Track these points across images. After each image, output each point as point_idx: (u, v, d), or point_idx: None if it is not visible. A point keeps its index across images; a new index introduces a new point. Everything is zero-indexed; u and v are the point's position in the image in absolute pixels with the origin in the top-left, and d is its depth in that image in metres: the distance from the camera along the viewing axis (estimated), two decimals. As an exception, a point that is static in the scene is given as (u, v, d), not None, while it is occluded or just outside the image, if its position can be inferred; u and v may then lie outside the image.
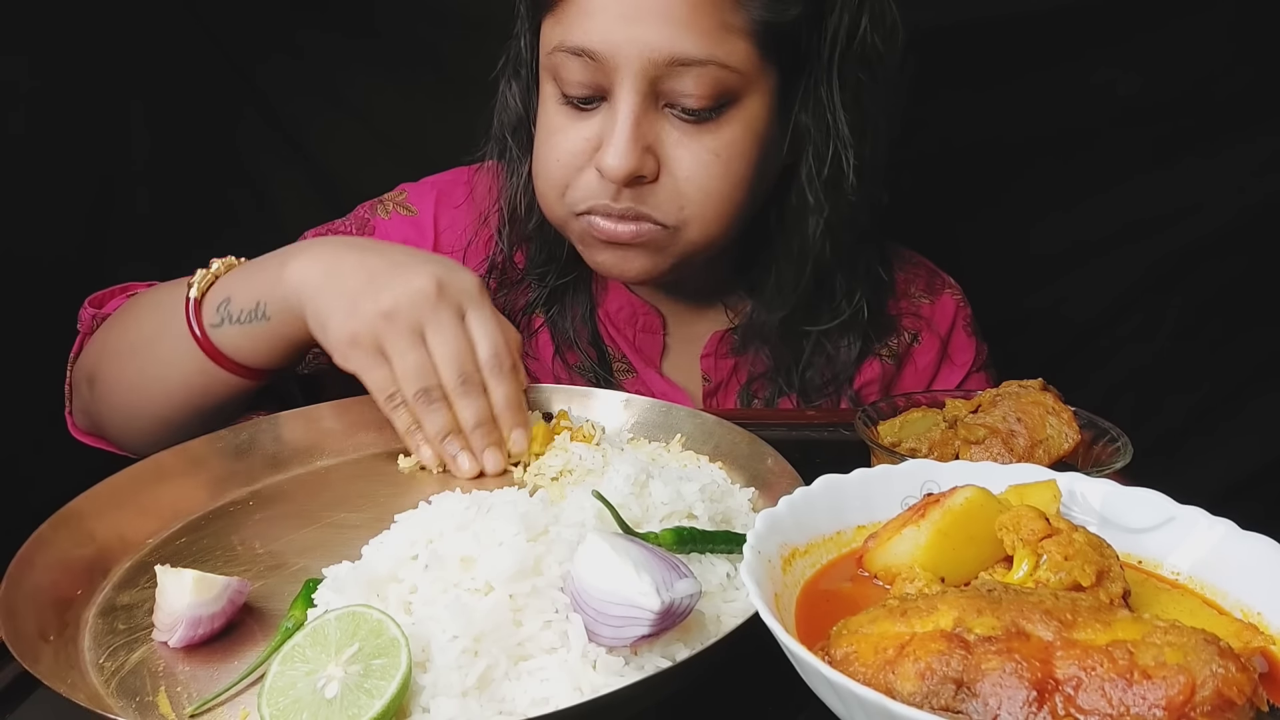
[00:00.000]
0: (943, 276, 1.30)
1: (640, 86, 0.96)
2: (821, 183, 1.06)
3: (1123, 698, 0.45)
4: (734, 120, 1.00)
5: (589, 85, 0.99)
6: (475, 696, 0.57)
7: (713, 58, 0.95)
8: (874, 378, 1.22)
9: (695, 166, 1.00)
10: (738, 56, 0.96)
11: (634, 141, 0.97)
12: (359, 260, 0.90)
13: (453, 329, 0.87)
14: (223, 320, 0.95)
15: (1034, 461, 0.79)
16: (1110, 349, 1.67)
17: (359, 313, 0.87)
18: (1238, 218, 1.59)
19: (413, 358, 0.86)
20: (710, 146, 0.99)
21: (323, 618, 0.59)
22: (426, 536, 0.66)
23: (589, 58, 0.97)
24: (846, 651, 0.51)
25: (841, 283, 1.14)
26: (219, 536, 0.80)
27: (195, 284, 0.96)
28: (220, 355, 0.95)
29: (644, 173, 0.99)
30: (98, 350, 1.06)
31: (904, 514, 0.63)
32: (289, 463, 0.91)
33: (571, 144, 1.02)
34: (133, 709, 0.60)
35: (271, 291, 0.92)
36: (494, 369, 0.89)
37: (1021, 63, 1.49)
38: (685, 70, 0.95)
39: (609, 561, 0.59)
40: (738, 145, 1.01)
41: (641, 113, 0.97)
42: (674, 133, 0.99)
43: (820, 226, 1.08)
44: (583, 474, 0.84)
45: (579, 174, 1.02)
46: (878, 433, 0.88)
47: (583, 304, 1.19)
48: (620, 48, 0.95)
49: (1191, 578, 0.62)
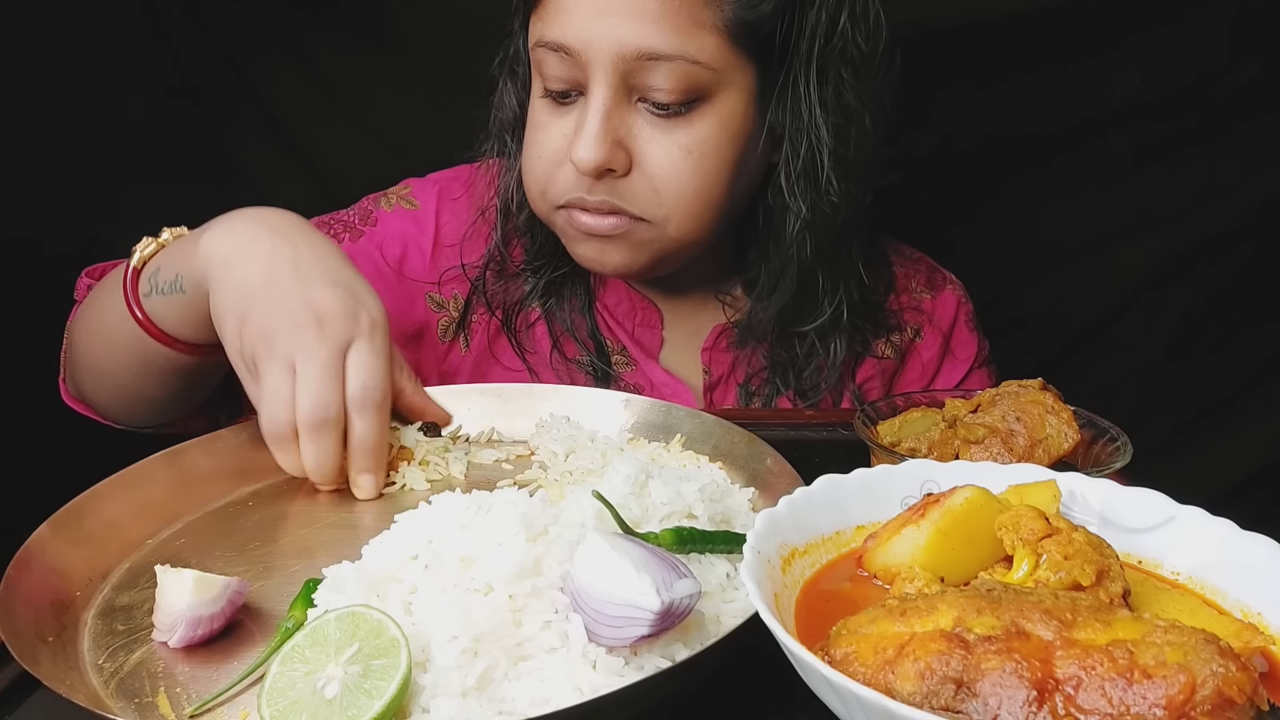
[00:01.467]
0: (943, 272, 1.30)
1: (611, 80, 0.98)
2: (797, 181, 1.06)
3: (1123, 697, 0.45)
4: (707, 116, 1.00)
5: (566, 80, 1.01)
6: (475, 697, 0.57)
7: (682, 53, 0.96)
8: (875, 373, 1.22)
9: (665, 162, 1.00)
10: (709, 52, 0.97)
11: (603, 134, 0.98)
12: (269, 251, 0.86)
13: (323, 363, 0.82)
14: (151, 290, 0.94)
15: (1034, 461, 0.79)
16: (1110, 348, 1.67)
17: (244, 329, 0.84)
18: (1238, 217, 1.59)
19: (272, 386, 0.82)
20: (681, 142, 1.00)
21: (323, 618, 0.59)
22: (426, 536, 0.66)
23: (565, 53, 0.98)
24: (846, 651, 0.51)
25: (824, 284, 1.14)
26: (219, 536, 0.80)
27: (138, 251, 0.96)
28: (151, 326, 0.94)
29: (614, 166, 1.00)
30: (76, 320, 1.10)
31: (904, 514, 0.63)
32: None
33: (551, 140, 1.04)
34: (132, 710, 0.60)
35: (188, 264, 0.90)
36: (358, 404, 0.83)
37: (1020, 62, 1.49)
38: (655, 65, 0.96)
39: (609, 561, 0.59)
40: (711, 141, 1.01)
41: (613, 106, 0.99)
42: (645, 127, 1.00)
43: (798, 226, 1.08)
44: (582, 474, 0.84)
45: (558, 169, 1.04)
46: (877, 433, 0.88)
47: (580, 296, 1.20)
48: (592, 43, 0.97)
49: (1191, 578, 0.62)
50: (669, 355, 1.22)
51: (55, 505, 0.75)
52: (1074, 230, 1.60)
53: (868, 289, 1.20)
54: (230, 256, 0.87)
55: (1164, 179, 1.56)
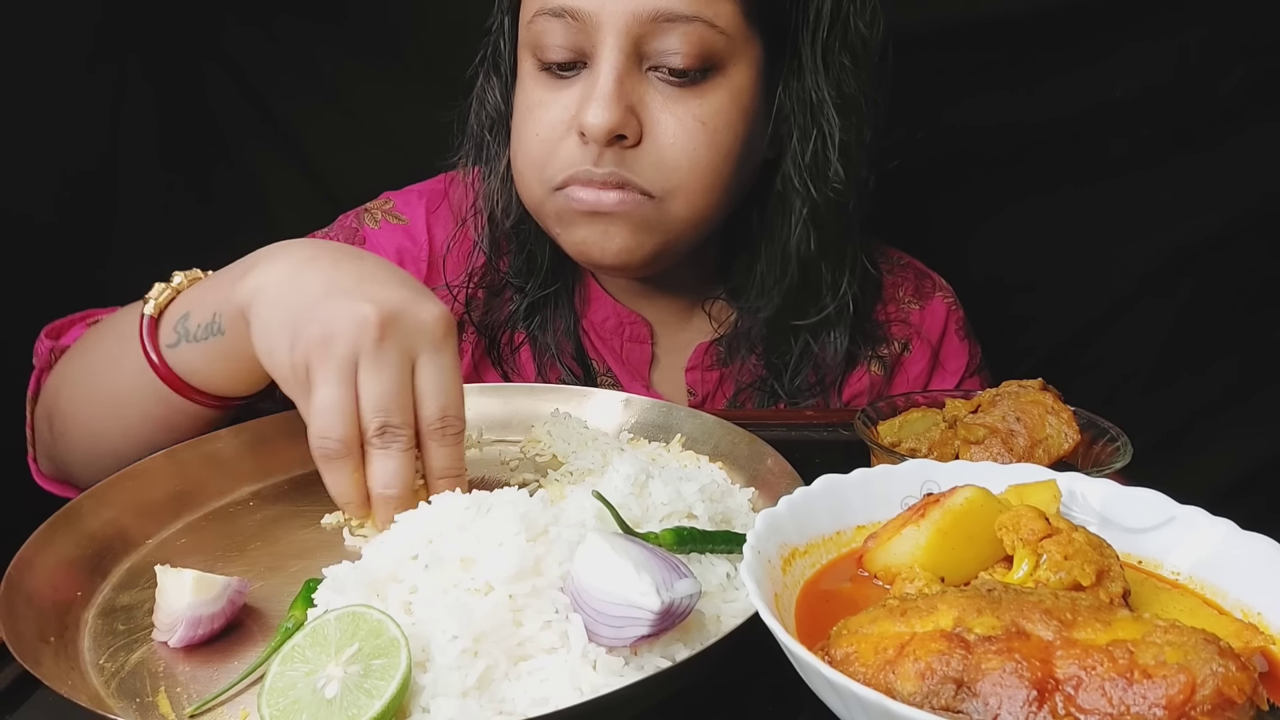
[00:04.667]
0: (932, 278, 1.27)
1: (623, 44, 0.94)
2: (806, 167, 1.04)
3: (1123, 697, 0.45)
4: (720, 88, 0.98)
5: (570, 48, 0.96)
6: (475, 697, 0.57)
7: (700, 14, 0.93)
8: (863, 389, 1.19)
9: (681, 132, 0.97)
10: (724, 18, 0.95)
11: (617, 97, 0.94)
12: (330, 266, 0.77)
13: (390, 369, 0.73)
14: (180, 339, 0.84)
15: (1034, 461, 0.79)
16: (1110, 348, 1.67)
17: (298, 339, 0.73)
18: (1237, 218, 1.59)
19: (325, 395, 0.72)
20: (696, 113, 0.97)
21: (322, 618, 0.59)
22: (426, 536, 0.66)
23: (570, 17, 0.94)
24: (846, 651, 0.51)
25: (827, 276, 1.11)
26: (219, 537, 0.80)
27: (152, 299, 0.86)
28: (178, 380, 0.85)
29: (626, 132, 0.95)
30: (56, 385, 0.97)
31: (904, 514, 0.63)
32: (289, 463, 0.90)
33: (551, 115, 0.99)
34: (133, 710, 0.60)
35: (228, 300, 0.80)
36: (439, 431, 0.75)
37: (1019, 62, 1.49)
38: (671, 27, 0.93)
39: (609, 561, 0.59)
40: (724, 115, 0.98)
41: (625, 71, 0.95)
42: (658, 96, 0.97)
43: (804, 215, 1.06)
44: (583, 474, 0.84)
45: (559, 145, 0.99)
46: (878, 433, 0.88)
47: (565, 316, 1.16)
48: (604, 4, 0.93)
49: (1191, 578, 0.62)
50: (658, 375, 1.19)
51: (55, 505, 0.75)
52: (1074, 230, 1.61)
53: (872, 283, 1.18)
54: (285, 278, 0.77)
55: (1163, 179, 1.56)
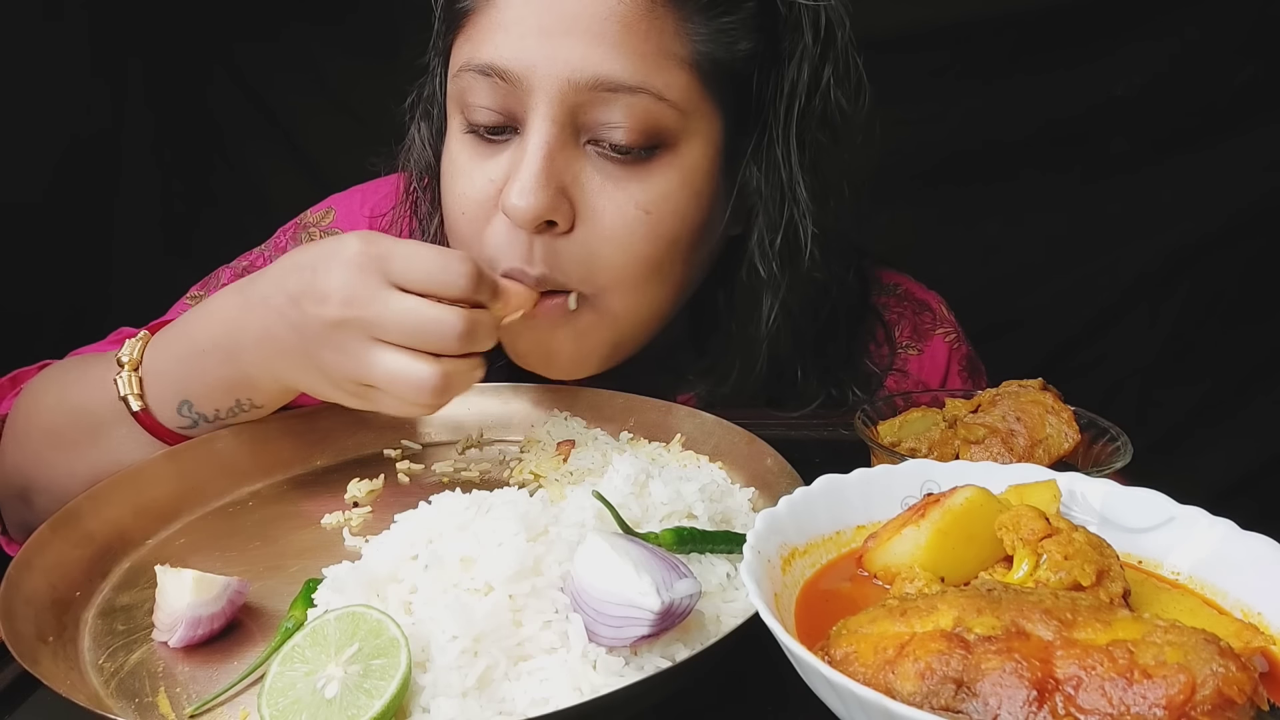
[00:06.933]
0: (932, 308, 1.16)
1: (556, 114, 0.83)
2: (775, 255, 0.93)
3: (1123, 697, 0.45)
4: (667, 167, 0.86)
5: (499, 110, 0.85)
6: (475, 697, 0.57)
7: (646, 85, 0.82)
8: None
9: (619, 222, 0.86)
10: (675, 89, 0.84)
11: (546, 177, 0.83)
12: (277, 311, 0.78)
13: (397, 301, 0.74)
14: (195, 422, 0.85)
15: (1034, 461, 0.79)
16: (1110, 348, 1.67)
17: (325, 372, 0.77)
18: (1237, 218, 1.59)
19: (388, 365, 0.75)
20: (638, 199, 0.86)
21: (322, 618, 0.59)
22: (426, 536, 0.66)
23: (499, 78, 0.83)
24: (846, 651, 0.51)
25: (808, 370, 1.01)
26: (219, 536, 0.80)
27: (129, 396, 0.84)
28: (188, 435, 0.87)
29: (556, 218, 0.84)
30: (22, 462, 0.91)
31: (904, 514, 0.63)
32: (289, 463, 0.90)
33: (476, 188, 0.88)
34: (133, 710, 0.60)
35: (250, 388, 0.84)
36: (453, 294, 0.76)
37: (1018, 63, 1.49)
38: (613, 98, 0.82)
39: (609, 561, 0.59)
40: (671, 201, 0.87)
41: (557, 145, 0.83)
42: (595, 176, 0.85)
43: (775, 307, 0.95)
44: (583, 474, 0.84)
45: (486, 226, 0.88)
46: (878, 433, 0.88)
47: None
48: (536, 66, 0.82)
49: (1191, 578, 0.62)
50: None
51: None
52: (1074, 230, 1.61)
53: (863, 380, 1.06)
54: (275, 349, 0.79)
55: (1162, 179, 1.57)
